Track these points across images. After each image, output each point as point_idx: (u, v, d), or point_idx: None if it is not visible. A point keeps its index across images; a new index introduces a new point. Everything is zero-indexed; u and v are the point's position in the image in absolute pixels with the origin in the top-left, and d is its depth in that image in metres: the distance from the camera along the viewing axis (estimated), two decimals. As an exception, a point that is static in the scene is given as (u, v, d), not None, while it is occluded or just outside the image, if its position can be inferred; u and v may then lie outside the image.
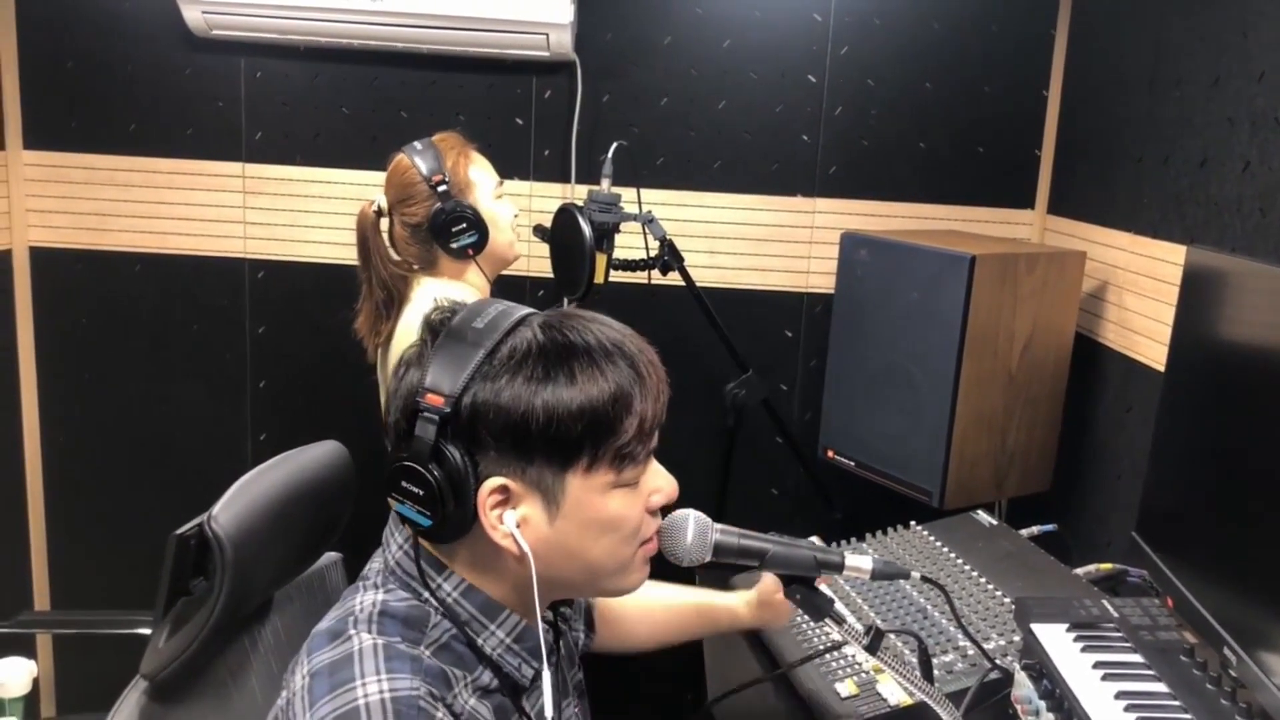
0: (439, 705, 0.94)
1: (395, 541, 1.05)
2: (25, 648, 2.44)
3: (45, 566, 2.76)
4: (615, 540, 1.02)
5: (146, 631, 1.83)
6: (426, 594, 1.01)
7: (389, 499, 1.00)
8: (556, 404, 0.95)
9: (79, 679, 2.79)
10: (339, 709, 0.91)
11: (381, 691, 0.91)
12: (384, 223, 1.94)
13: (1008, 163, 2.53)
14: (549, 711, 0.98)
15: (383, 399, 2.03)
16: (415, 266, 1.95)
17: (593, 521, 1.00)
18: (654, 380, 1.01)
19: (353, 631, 0.98)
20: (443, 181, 1.87)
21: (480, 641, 1.02)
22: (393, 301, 1.93)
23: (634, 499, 1.03)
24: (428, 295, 1.91)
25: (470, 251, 1.90)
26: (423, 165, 1.88)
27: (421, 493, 0.96)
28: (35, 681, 1.98)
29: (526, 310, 1.03)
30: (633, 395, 0.98)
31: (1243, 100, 1.66)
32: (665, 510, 1.09)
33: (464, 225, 1.88)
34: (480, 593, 1.02)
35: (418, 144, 1.92)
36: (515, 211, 2.03)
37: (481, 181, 1.95)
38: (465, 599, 1.02)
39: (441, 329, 1.01)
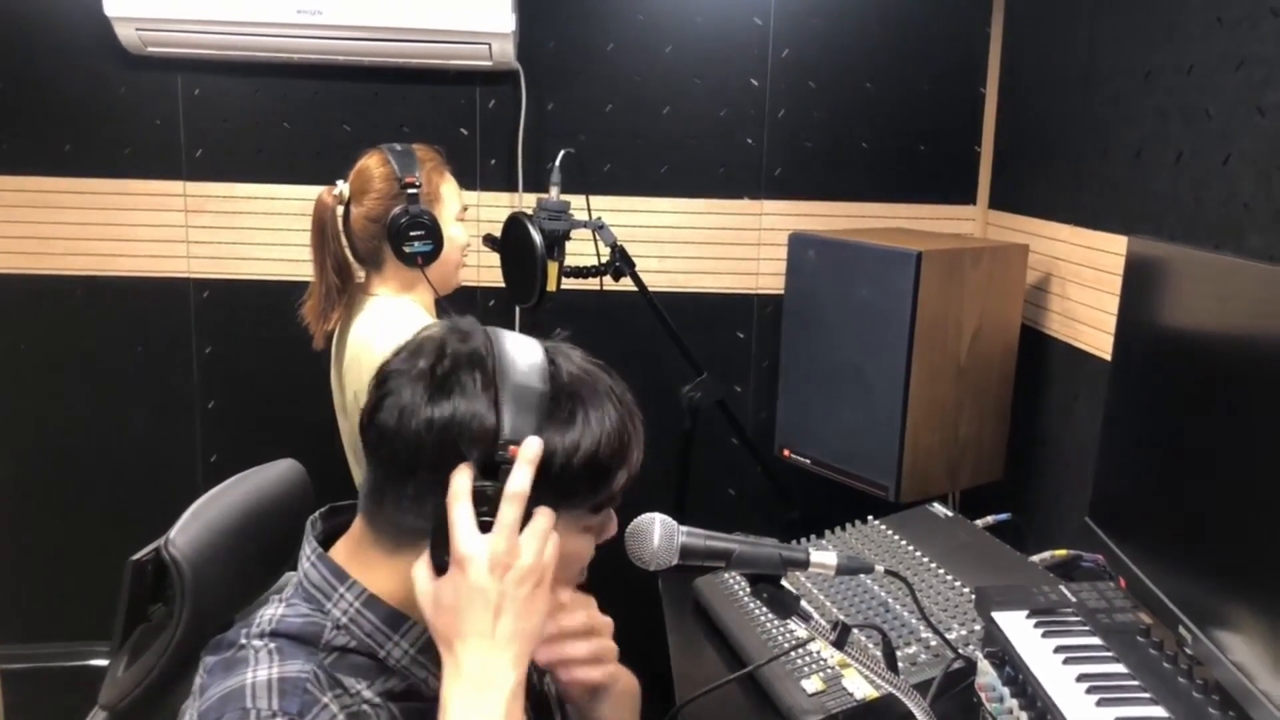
0: (328, 692, 0.93)
1: (304, 553, 1.04)
2: (-27, 685, 2.38)
3: (-9, 600, 2.68)
4: (563, 580, 1.04)
5: (100, 663, 1.79)
6: (329, 605, 0.99)
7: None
8: (571, 447, 0.96)
9: (32, 714, 2.72)
10: (226, 688, 0.92)
11: (270, 673, 0.93)
12: (339, 210, 1.93)
13: (949, 160, 2.57)
14: None
15: (336, 400, 2.01)
16: (363, 260, 1.95)
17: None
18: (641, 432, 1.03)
19: (244, 641, 0.98)
20: (414, 185, 1.87)
21: (383, 654, 1.00)
22: (345, 288, 1.92)
23: (590, 541, 1.05)
24: (379, 309, 1.90)
25: (420, 260, 1.89)
26: (398, 166, 1.88)
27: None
28: (-14, 719, 1.94)
29: (541, 344, 1.02)
30: (632, 449, 1.01)
31: (1174, 93, 1.70)
32: (629, 518, 1.10)
33: (422, 232, 1.87)
34: (382, 604, 1.00)
35: (397, 145, 1.92)
36: (468, 240, 2.03)
37: (449, 200, 1.96)
38: (367, 609, 0.99)
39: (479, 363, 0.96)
